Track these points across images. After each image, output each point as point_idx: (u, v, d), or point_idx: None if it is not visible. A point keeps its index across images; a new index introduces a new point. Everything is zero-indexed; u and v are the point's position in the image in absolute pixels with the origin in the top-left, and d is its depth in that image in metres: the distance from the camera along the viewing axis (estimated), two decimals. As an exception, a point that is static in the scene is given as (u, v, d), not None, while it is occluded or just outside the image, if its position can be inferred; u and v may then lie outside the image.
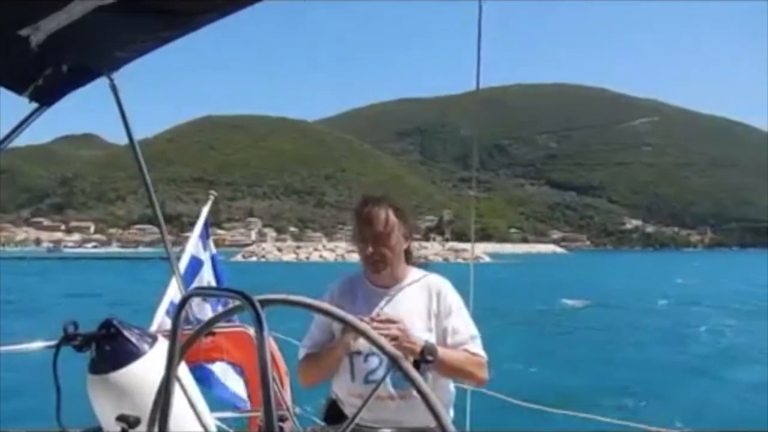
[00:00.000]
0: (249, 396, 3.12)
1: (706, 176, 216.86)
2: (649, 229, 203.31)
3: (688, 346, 15.29)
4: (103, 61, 1.70)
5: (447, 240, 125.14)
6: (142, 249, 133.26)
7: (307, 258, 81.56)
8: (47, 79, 1.58)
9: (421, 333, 1.83)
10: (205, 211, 4.27)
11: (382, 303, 1.92)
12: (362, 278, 2.00)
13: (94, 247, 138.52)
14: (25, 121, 1.81)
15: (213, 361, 2.98)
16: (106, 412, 1.68)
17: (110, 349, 1.70)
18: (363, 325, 1.08)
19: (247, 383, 3.10)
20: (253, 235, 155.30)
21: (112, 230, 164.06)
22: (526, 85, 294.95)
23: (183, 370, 1.59)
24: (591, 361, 12.77)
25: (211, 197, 4.51)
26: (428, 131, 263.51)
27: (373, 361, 1.84)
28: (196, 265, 3.85)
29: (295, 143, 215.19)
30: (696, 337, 16.93)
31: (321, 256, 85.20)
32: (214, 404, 2.48)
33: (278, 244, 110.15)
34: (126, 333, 1.73)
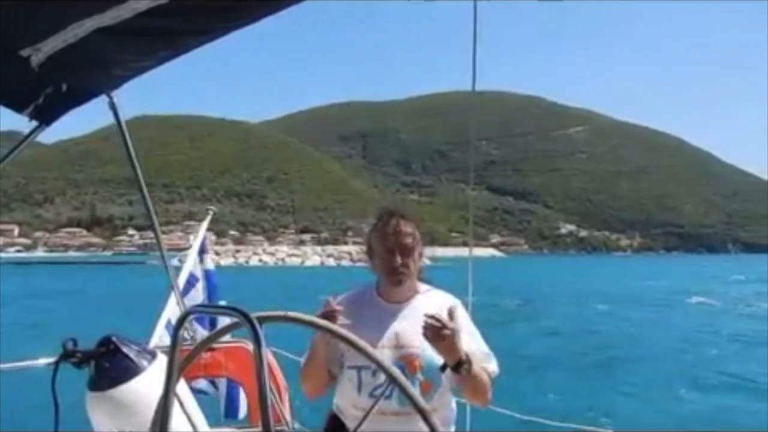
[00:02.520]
0: (249, 411, 3.09)
1: (635, 183, 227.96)
2: (583, 233, 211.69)
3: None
4: (102, 81, 1.71)
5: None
6: (72, 253, 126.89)
7: (247, 262, 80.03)
8: (47, 98, 1.60)
9: (431, 351, 1.84)
10: (203, 227, 4.35)
11: (393, 319, 1.91)
12: (372, 293, 1.99)
13: (18, 251, 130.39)
14: (25, 139, 1.84)
15: (212, 376, 2.95)
16: (104, 429, 1.66)
17: (109, 366, 1.69)
18: (362, 343, 1.06)
19: (247, 398, 3.08)
20: (191, 239, 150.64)
21: (38, 233, 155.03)
22: (465, 92, 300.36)
23: (182, 387, 1.59)
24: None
25: (210, 213, 4.58)
26: (371, 135, 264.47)
27: (381, 376, 1.80)
28: (192, 281, 3.84)
29: (236, 145, 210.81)
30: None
31: (261, 261, 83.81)
32: (213, 420, 2.46)
33: (217, 248, 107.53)
34: (125, 350, 1.72)
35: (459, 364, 1.74)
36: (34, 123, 1.84)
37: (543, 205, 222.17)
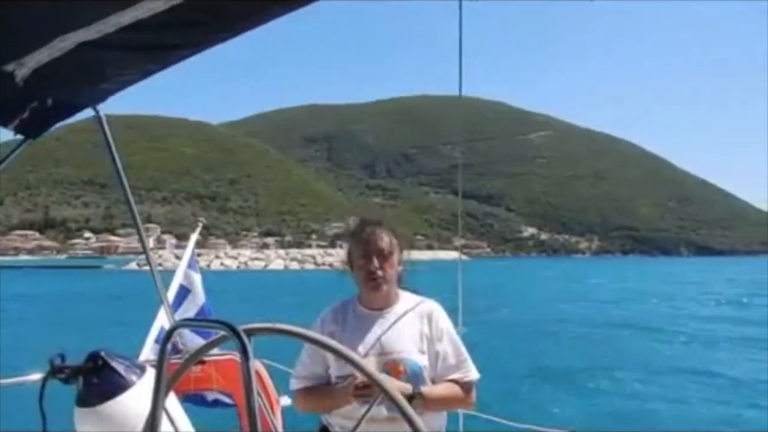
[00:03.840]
0: (240, 424, 3.06)
1: (593, 188, 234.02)
2: (544, 236, 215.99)
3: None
4: (88, 94, 1.71)
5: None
6: (23, 257, 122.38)
7: (208, 266, 78.58)
8: (33, 112, 1.59)
9: (414, 356, 1.88)
10: (193, 238, 4.27)
11: (375, 326, 1.94)
12: (354, 302, 2.03)
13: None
14: (11, 153, 1.81)
15: (203, 390, 2.90)
16: None
17: (98, 381, 1.68)
18: (353, 356, 1.08)
19: (238, 411, 3.05)
20: (151, 242, 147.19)
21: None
22: (430, 96, 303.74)
23: (172, 401, 1.58)
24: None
25: (200, 224, 4.49)
26: (335, 138, 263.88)
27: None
28: (183, 293, 3.77)
29: (197, 146, 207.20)
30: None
31: (222, 264, 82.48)
32: None
33: (177, 251, 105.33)
34: (114, 364, 1.71)
35: (409, 399, 1.74)
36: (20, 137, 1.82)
37: (505, 209, 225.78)
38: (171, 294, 3.51)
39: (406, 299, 2.02)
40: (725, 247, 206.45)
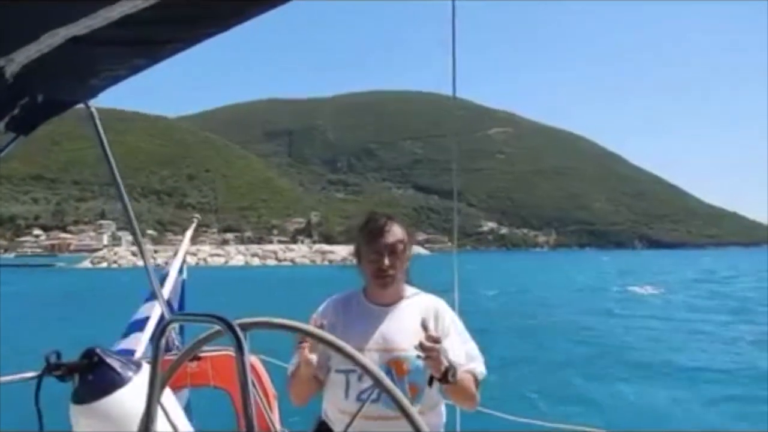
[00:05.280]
0: (237, 420, 2.99)
1: (551, 183, 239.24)
2: (503, 230, 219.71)
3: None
4: (79, 90, 1.73)
5: (315, 242, 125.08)
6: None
7: (166, 263, 76.56)
8: (23, 108, 1.59)
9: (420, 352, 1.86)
10: (187, 236, 4.22)
11: (380, 321, 1.91)
12: (359, 296, 1.99)
13: None
14: (2, 150, 1.85)
15: (199, 386, 2.87)
16: None
17: (93, 378, 1.67)
18: (349, 348, 1.07)
19: (234, 407, 2.99)
20: (105, 239, 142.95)
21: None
22: (391, 91, 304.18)
23: (168, 397, 1.57)
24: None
25: (195, 221, 4.31)
26: (296, 133, 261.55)
27: (368, 380, 1.75)
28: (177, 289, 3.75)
29: (154, 140, 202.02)
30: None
31: (141, 257, 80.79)
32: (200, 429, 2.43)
33: (134, 248, 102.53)
34: (109, 361, 1.70)
35: (445, 373, 1.74)
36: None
37: (466, 204, 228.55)
38: (166, 291, 3.45)
39: (412, 296, 2.00)
40: (675, 241, 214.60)
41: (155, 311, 3.15)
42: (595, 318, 21.34)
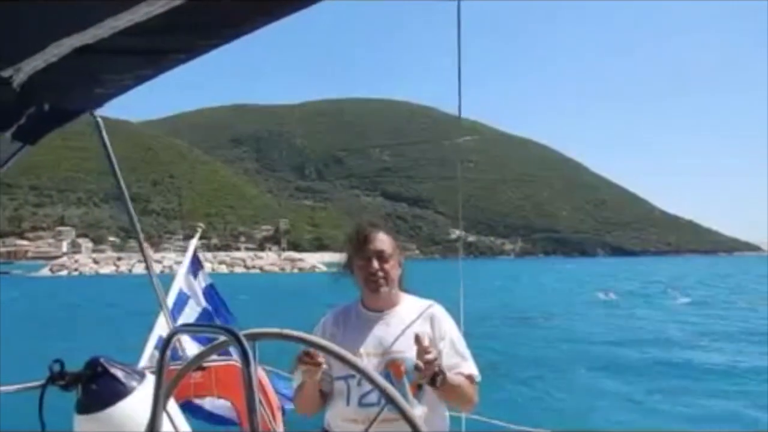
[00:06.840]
0: (240, 431, 3.00)
1: (517, 191, 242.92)
2: (471, 238, 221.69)
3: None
4: (86, 100, 1.73)
5: (283, 250, 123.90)
6: None
7: (130, 270, 74.86)
8: (30, 118, 1.60)
9: (415, 355, 1.87)
10: (192, 244, 4.31)
11: (376, 326, 1.95)
12: (356, 304, 2.04)
13: None
14: (9, 159, 1.86)
15: (203, 396, 2.86)
16: None
17: (97, 388, 1.67)
18: (355, 360, 1.08)
19: (238, 418, 2.97)
20: (65, 246, 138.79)
21: None
22: (359, 99, 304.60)
23: (172, 407, 1.58)
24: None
25: (199, 230, 4.28)
26: (264, 140, 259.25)
27: (367, 384, 1.83)
28: (183, 298, 3.72)
29: (116, 145, 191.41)
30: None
31: (146, 268, 78.89)
32: None
33: (95, 255, 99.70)
34: (113, 371, 1.70)
35: (433, 377, 1.75)
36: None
37: (434, 211, 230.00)
38: (170, 300, 3.43)
39: (408, 301, 2.04)
40: (637, 248, 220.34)
41: (161, 322, 3.11)
42: (567, 321, 21.76)
